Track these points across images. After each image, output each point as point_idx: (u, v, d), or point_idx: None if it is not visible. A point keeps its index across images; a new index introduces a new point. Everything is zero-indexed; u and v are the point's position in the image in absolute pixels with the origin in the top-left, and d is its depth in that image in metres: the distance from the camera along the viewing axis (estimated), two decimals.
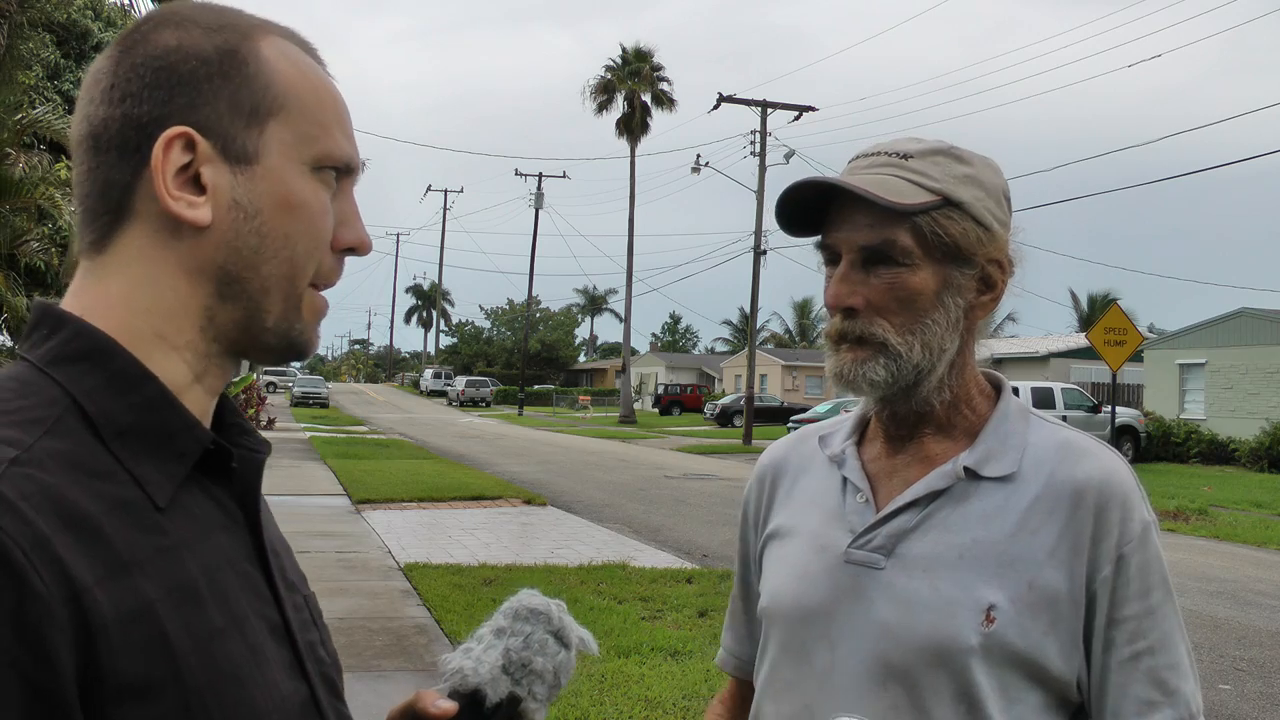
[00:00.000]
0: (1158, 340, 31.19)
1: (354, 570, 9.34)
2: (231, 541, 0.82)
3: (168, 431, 0.78)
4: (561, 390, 68.32)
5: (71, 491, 0.70)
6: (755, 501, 1.42)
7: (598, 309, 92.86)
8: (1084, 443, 1.23)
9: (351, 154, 0.87)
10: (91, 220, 0.82)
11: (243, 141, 0.81)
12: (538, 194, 56.52)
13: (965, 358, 1.25)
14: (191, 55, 0.81)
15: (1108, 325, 17.03)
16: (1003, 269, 1.23)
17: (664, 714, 5.54)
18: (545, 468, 21.21)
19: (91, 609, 0.67)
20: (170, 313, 0.81)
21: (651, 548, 11.35)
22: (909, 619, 1.16)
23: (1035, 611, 1.14)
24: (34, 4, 11.62)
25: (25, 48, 12.02)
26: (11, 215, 14.92)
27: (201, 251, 0.81)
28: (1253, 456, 24.37)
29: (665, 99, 47.47)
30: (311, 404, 50.93)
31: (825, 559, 1.24)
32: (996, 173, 1.25)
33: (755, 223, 33.42)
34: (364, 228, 0.89)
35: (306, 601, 0.91)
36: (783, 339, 76.90)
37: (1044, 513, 1.17)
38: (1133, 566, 1.16)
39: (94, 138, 0.81)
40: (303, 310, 0.86)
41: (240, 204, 0.81)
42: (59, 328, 0.79)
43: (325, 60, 0.89)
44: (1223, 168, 27.93)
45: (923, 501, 1.21)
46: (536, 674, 0.93)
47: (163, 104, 0.80)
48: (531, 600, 0.97)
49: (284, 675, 0.81)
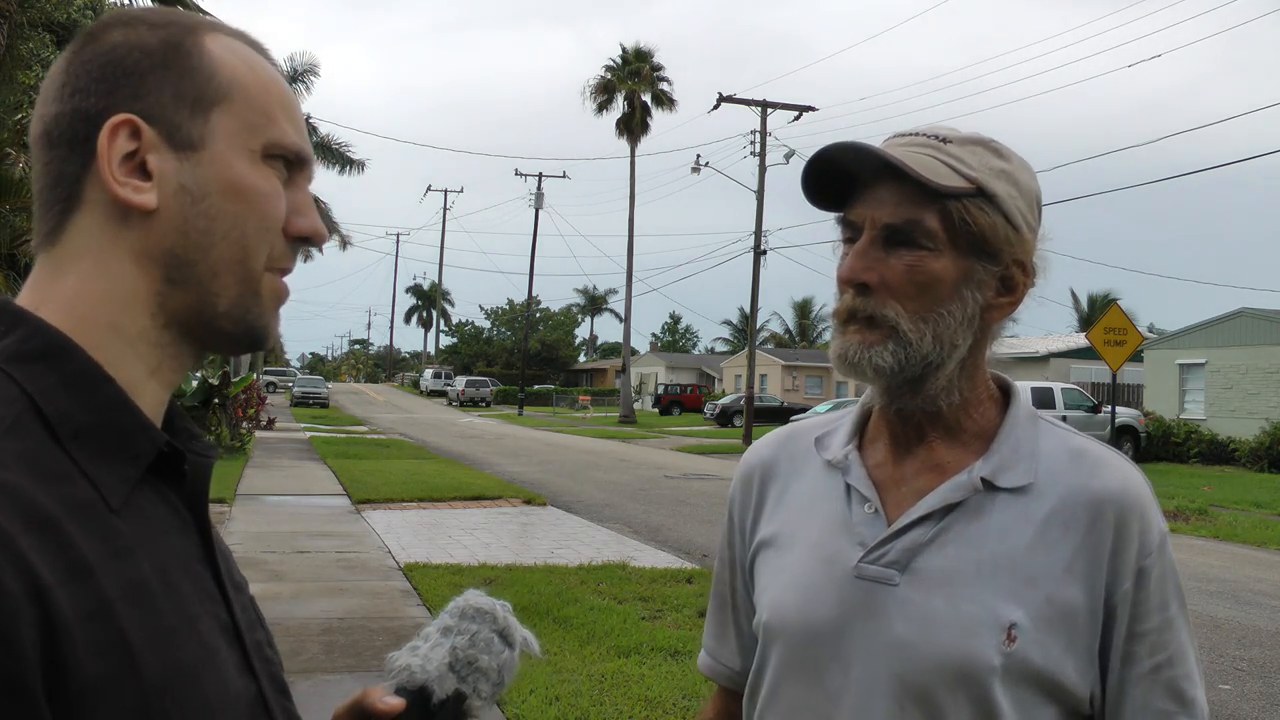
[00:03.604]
0: (1158, 340, 31.20)
1: (354, 570, 9.34)
2: (182, 543, 0.83)
3: (123, 433, 0.79)
4: (561, 390, 68.31)
5: (32, 492, 0.71)
6: (742, 504, 1.36)
7: (598, 309, 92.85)
8: (1097, 451, 1.20)
9: (300, 144, 0.88)
10: (44, 212, 0.84)
11: (188, 129, 0.83)
12: (538, 194, 56.55)
13: (977, 360, 1.21)
14: (136, 48, 0.83)
15: (1108, 325, 17.04)
16: (1026, 273, 1.19)
17: (664, 714, 5.55)
18: (545, 468, 21.22)
19: (54, 609, 0.68)
20: (122, 301, 0.82)
21: (651, 548, 11.35)
22: (928, 637, 1.12)
23: (1054, 628, 1.12)
24: (34, 4, 11.62)
25: (25, 48, 12.02)
26: (11, 215, 14.91)
27: (150, 237, 0.82)
28: (1253, 456, 24.38)
29: (665, 99, 47.48)
30: (311, 404, 50.94)
31: (832, 573, 1.19)
32: (1032, 175, 1.22)
33: (755, 223, 33.43)
34: (318, 218, 0.90)
35: (252, 603, 0.93)
36: (783, 339, 76.90)
37: (1061, 525, 1.14)
38: (1153, 580, 1.14)
39: (47, 134, 0.83)
40: (262, 294, 0.87)
41: (187, 188, 0.82)
42: (16, 325, 0.79)
43: (276, 60, 0.92)
44: (1223, 167, 27.92)
45: (938, 514, 1.16)
46: (482, 672, 0.95)
47: (108, 95, 0.82)
48: (478, 600, 1.00)
49: (234, 673, 0.83)
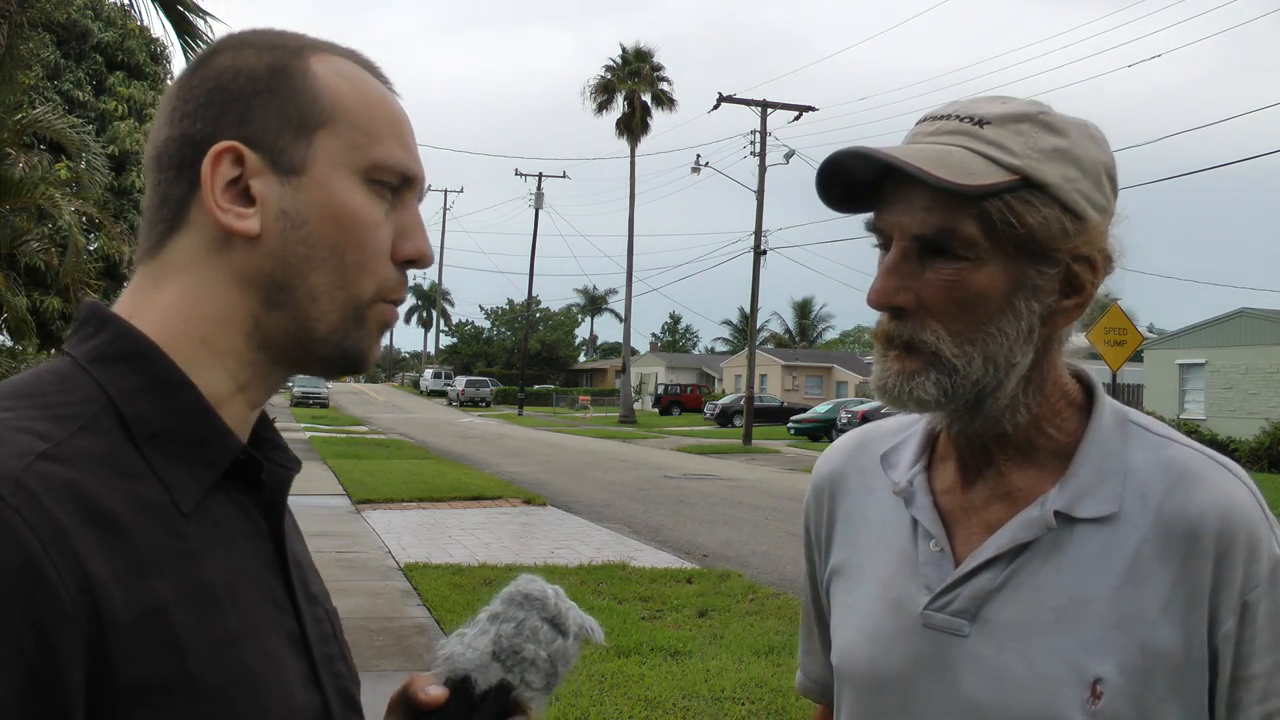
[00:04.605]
0: (1158, 340, 31.21)
1: (354, 570, 9.34)
2: (254, 550, 0.83)
3: (199, 438, 0.80)
4: (561, 390, 68.31)
5: (97, 488, 0.72)
6: (815, 520, 1.25)
7: (598, 309, 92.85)
8: (1196, 463, 1.03)
9: (409, 165, 0.87)
10: (149, 229, 0.85)
11: (290, 153, 0.83)
12: (538, 194, 56.53)
13: (1046, 371, 1.05)
14: (242, 73, 0.84)
15: (1108, 325, 17.01)
16: (1094, 268, 1.02)
17: (664, 714, 5.54)
18: (545, 468, 21.21)
19: (105, 604, 0.69)
20: (217, 319, 0.83)
21: (651, 548, 11.34)
22: (1001, 699, 1.00)
23: (1149, 678, 0.97)
24: (34, 4, 11.62)
25: (25, 48, 12.01)
26: (11, 215, 14.91)
27: (251, 261, 0.83)
28: (1253, 456, 24.36)
29: (665, 99, 47.48)
30: (311, 404, 50.86)
31: (900, 620, 1.08)
32: (1099, 144, 1.03)
33: (755, 223, 33.42)
34: (426, 240, 0.89)
35: (328, 615, 0.92)
36: (783, 339, 76.93)
37: (1153, 558, 0.99)
38: (1261, 615, 0.98)
39: (157, 158, 0.85)
40: (367, 322, 0.86)
41: (288, 214, 0.83)
42: (103, 327, 0.81)
43: (389, 79, 0.91)
44: (1223, 168, 27.91)
45: (1008, 555, 1.03)
46: (529, 661, 0.91)
47: (214, 120, 0.83)
48: (529, 586, 0.95)
49: (299, 685, 0.82)
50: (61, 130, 14.50)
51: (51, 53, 21.23)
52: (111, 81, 23.10)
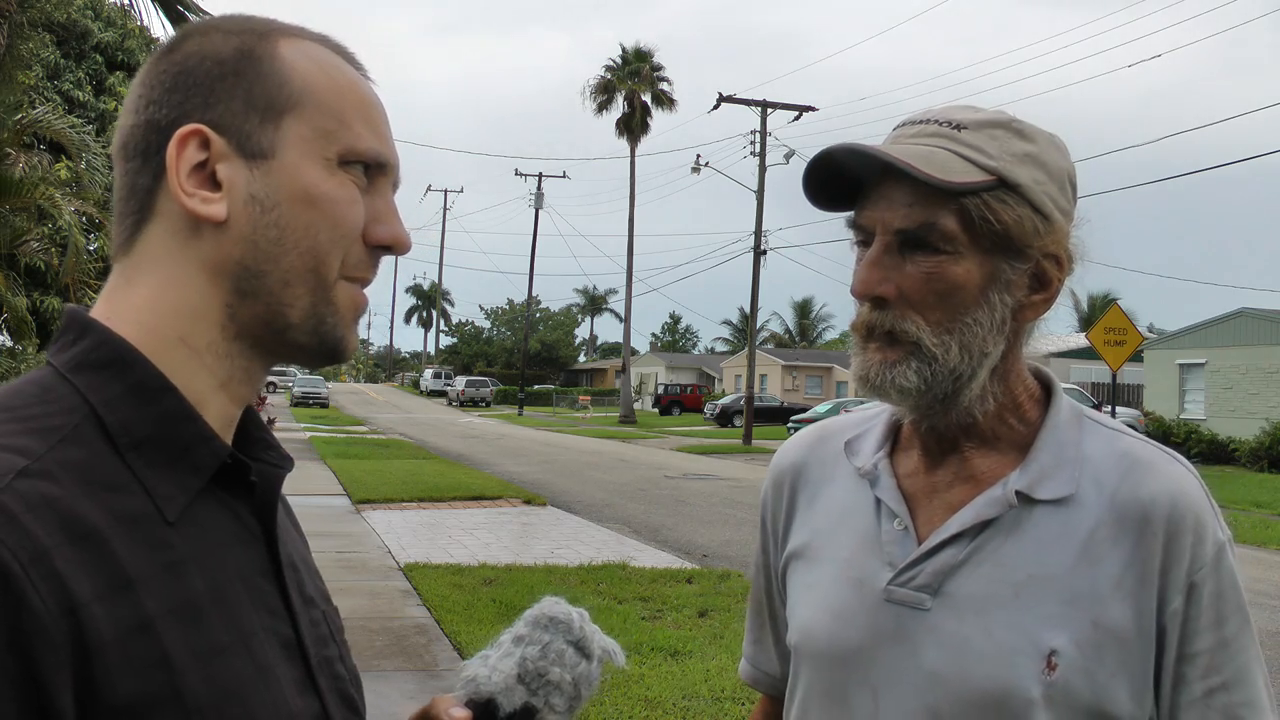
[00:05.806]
0: (1158, 340, 31.19)
1: (354, 570, 9.34)
2: (246, 555, 0.81)
3: (184, 444, 0.78)
4: (561, 390, 68.31)
5: (79, 504, 0.70)
6: (773, 509, 1.29)
7: (598, 309, 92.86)
8: (1147, 454, 1.10)
9: (380, 149, 0.86)
10: (120, 223, 0.84)
11: (258, 137, 0.81)
12: (538, 194, 56.54)
13: (1011, 363, 1.12)
14: (209, 58, 0.82)
15: (1108, 325, 17.03)
16: (1060, 265, 1.09)
17: (664, 714, 5.54)
18: (545, 468, 21.21)
19: (88, 624, 0.67)
20: (191, 314, 0.81)
21: (651, 548, 11.34)
22: (961, 668, 1.05)
23: (1101, 652, 1.03)
24: (34, 4, 11.62)
25: (25, 48, 12.01)
26: (11, 215, 14.91)
27: (221, 248, 0.81)
28: (1253, 456, 24.35)
29: (665, 99, 47.48)
30: (311, 404, 50.90)
31: (862, 595, 1.12)
32: (1062, 153, 1.11)
33: (755, 223, 33.43)
34: (401, 225, 0.88)
35: (325, 617, 0.91)
36: (783, 339, 76.92)
37: (1107, 540, 1.05)
38: (1205, 595, 1.04)
39: (124, 146, 0.83)
40: (336, 303, 0.85)
41: (257, 198, 0.81)
42: (84, 334, 0.79)
43: (363, 65, 0.89)
44: (1223, 167, 27.93)
45: (970, 532, 1.08)
46: (554, 685, 0.90)
47: (179, 106, 0.81)
48: (554, 609, 0.94)
49: (293, 691, 0.81)
50: (61, 130, 14.51)
51: (51, 53, 21.24)
52: (111, 81, 23.11)
